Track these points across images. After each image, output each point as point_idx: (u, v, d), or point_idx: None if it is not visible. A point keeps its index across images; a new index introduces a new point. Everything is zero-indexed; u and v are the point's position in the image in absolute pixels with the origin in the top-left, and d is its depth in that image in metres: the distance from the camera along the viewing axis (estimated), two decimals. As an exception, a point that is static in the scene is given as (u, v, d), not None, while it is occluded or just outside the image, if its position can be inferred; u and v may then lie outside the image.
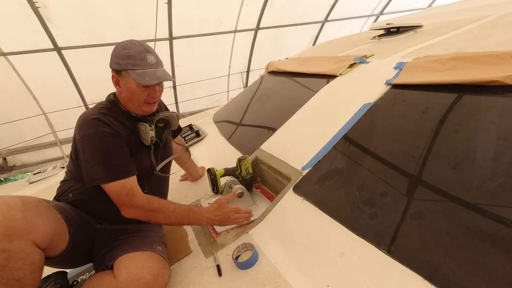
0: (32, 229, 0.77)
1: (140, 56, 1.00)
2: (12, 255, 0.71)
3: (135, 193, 0.98)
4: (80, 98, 5.25)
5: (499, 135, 0.76)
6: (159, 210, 0.98)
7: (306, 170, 1.11)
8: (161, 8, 4.68)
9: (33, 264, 0.74)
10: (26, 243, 0.75)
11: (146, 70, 1.00)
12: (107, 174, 0.96)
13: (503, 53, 0.92)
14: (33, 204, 0.83)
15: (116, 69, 1.02)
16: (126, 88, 1.03)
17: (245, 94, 2.37)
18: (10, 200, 0.78)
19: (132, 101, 1.05)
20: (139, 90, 1.02)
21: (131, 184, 0.98)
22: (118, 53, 1.01)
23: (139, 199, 0.97)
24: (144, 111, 1.09)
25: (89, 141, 0.96)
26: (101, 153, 0.96)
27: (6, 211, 0.75)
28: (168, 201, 1.02)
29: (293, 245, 0.91)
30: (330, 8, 6.71)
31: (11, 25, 3.96)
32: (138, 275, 0.86)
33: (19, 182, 2.12)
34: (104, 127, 0.97)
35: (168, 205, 1.01)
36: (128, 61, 0.99)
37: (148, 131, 1.06)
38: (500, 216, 0.63)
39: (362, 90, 1.28)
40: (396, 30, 1.96)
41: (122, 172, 0.98)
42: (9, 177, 5.94)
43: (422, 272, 0.65)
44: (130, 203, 0.97)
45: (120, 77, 1.02)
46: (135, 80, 0.99)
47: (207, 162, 1.71)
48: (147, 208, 0.98)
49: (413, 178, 0.83)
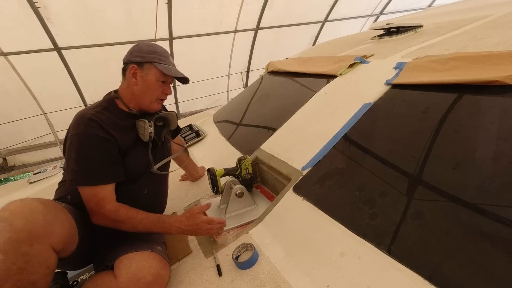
0: (51, 233, 0.78)
1: (165, 54, 1.11)
2: (31, 258, 0.71)
3: (105, 203, 0.96)
4: (80, 98, 5.25)
5: (499, 135, 0.76)
6: (125, 221, 0.97)
7: (306, 170, 1.11)
8: (161, 8, 4.68)
9: (48, 268, 0.75)
10: (45, 247, 0.75)
11: (169, 66, 1.10)
12: (83, 177, 0.96)
13: (503, 53, 0.92)
14: (52, 207, 0.84)
15: (138, 61, 1.06)
16: (143, 80, 1.06)
17: (245, 94, 2.37)
18: (32, 204, 0.78)
19: (146, 94, 1.09)
20: (157, 84, 1.08)
21: (104, 193, 0.97)
22: (142, 49, 1.08)
23: (107, 209, 0.96)
24: (153, 107, 1.13)
25: (75, 141, 0.96)
26: (83, 155, 0.96)
27: (29, 215, 0.75)
28: (137, 211, 1.00)
29: (293, 245, 0.91)
30: (330, 8, 6.71)
31: (11, 25, 3.96)
32: (138, 275, 0.86)
33: (19, 182, 2.12)
34: (94, 128, 0.97)
35: (136, 215, 0.99)
36: (154, 55, 1.07)
37: (147, 127, 1.07)
38: (500, 216, 0.63)
39: (362, 90, 1.28)
40: (396, 30, 1.96)
41: (99, 178, 0.97)
42: (9, 177, 5.94)
43: (422, 272, 0.65)
44: (98, 211, 0.96)
45: (141, 69, 1.06)
46: (158, 73, 1.06)
47: (207, 162, 1.71)
48: (113, 219, 0.97)
49: (413, 178, 0.83)
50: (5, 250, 0.68)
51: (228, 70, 6.80)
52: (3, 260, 0.67)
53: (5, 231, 0.70)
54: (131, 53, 1.08)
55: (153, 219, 1.01)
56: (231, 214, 1.20)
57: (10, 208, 0.75)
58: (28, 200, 0.80)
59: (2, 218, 0.72)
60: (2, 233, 0.69)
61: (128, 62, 1.08)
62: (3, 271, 0.66)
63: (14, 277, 0.67)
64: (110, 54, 4.91)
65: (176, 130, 1.36)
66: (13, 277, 0.67)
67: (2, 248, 0.68)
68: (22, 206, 0.76)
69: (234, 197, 1.19)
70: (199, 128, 2.23)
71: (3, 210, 0.74)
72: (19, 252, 0.69)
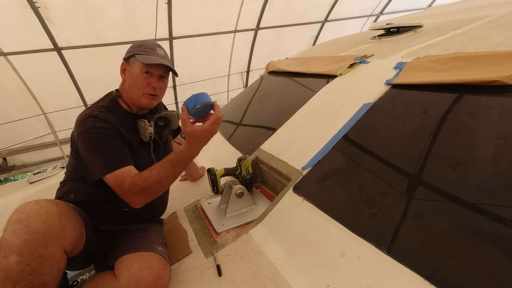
0: (65, 235, 0.79)
1: (151, 47, 1.07)
2: (45, 260, 0.72)
3: (124, 180, 0.91)
4: (80, 98, 5.24)
5: (499, 135, 0.76)
6: (147, 186, 0.91)
7: (306, 170, 1.11)
8: (161, 8, 4.67)
9: (59, 269, 0.76)
10: (58, 249, 0.76)
11: (150, 56, 1.04)
12: (104, 166, 0.94)
13: (503, 53, 0.92)
14: (65, 209, 0.85)
15: (126, 57, 1.07)
16: (129, 74, 1.06)
17: (245, 94, 2.37)
18: (48, 207, 0.79)
19: (133, 89, 1.06)
20: (141, 77, 1.04)
21: (123, 171, 0.94)
22: (133, 45, 1.09)
23: (126, 185, 0.91)
24: (143, 103, 1.08)
25: (86, 137, 0.97)
26: (100, 146, 0.96)
27: (46, 217, 0.76)
28: (148, 170, 0.93)
29: (293, 245, 0.91)
30: (330, 8, 6.70)
31: (11, 25, 3.96)
32: (139, 276, 0.86)
33: (19, 182, 2.12)
34: (99, 122, 0.98)
35: (150, 174, 0.92)
36: (138, 49, 1.06)
37: (147, 127, 1.07)
38: (500, 216, 0.63)
39: (362, 90, 1.28)
40: (396, 30, 1.96)
41: (120, 162, 0.95)
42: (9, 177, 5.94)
43: (422, 272, 0.65)
44: (123, 193, 0.92)
45: (128, 64, 1.07)
46: (140, 64, 1.03)
47: (207, 162, 1.71)
48: (135, 192, 0.91)
49: (413, 178, 0.83)
50: (21, 251, 0.69)
51: (228, 70, 6.79)
52: (18, 261, 0.68)
53: (22, 233, 0.71)
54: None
55: (167, 165, 0.94)
56: (231, 214, 1.20)
57: (26, 210, 0.76)
58: (44, 202, 0.80)
59: (19, 220, 0.73)
60: (19, 235, 0.71)
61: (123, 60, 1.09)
62: (17, 272, 0.68)
63: (26, 278, 0.69)
64: (110, 54, 4.90)
65: (177, 129, 1.36)
66: (26, 278, 0.69)
67: (18, 249, 0.69)
68: (38, 209, 0.77)
69: (234, 197, 1.19)
70: (199, 128, 2.23)
71: (19, 212, 0.75)
72: (34, 254, 0.71)
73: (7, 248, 0.70)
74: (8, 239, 0.71)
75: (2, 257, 0.69)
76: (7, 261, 0.68)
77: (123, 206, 1.02)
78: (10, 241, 0.70)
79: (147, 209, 1.03)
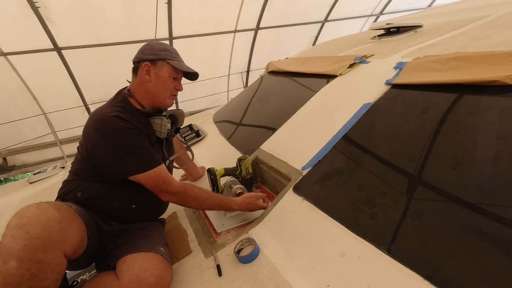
0: (65, 240, 0.79)
1: (175, 52, 1.17)
2: (44, 265, 0.72)
3: (171, 181, 1.04)
4: (80, 98, 5.24)
5: (499, 135, 0.76)
6: (192, 197, 1.07)
7: (306, 170, 1.11)
8: (161, 8, 4.67)
9: (59, 274, 0.76)
10: (59, 254, 0.76)
11: (181, 63, 1.16)
12: (143, 164, 1.00)
13: (503, 53, 0.92)
14: (66, 213, 0.84)
15: (151, 59, 1.10)
16: (157, 76, 1.10)
17: (245, 94, 2.37)
18: (48, 211, 0.78)
19: (160, 91, 1.12)
20: (169, 80, 1.13)
21: (164, 172, 1.04)
22: (154, 47, 1.12)
23: (176, 186, 1.04)
24: (167, 103, 1.17)
25: (115, 137, 0.98)
26: (129, 146, 0.99)
27: (46, 223, 0.75)
28: (200, 190, 1.09)
29: (293, 245, 0.91)
30: (330, 8, 6.70)
31: (11, 25, 3.96)
32: (141, 276, 0.86)
33: (19, 182, 2.12)
34: (125, 123, 1.00)
35: (201, 194, 1.08)
36: (166, 53, 1.12)
37: (165, 123, 1.12)
38: (500, 216, 0.63)
39: (362, 90, 1.28)
40: (396, 30, 1.96)
41: (155, 162, 1.03)
42: (9, 177, 5.94)
43: (422, 272, 0.65)
44: (167, 190, 1.03)
45: (154, 66, 1.10)
46: (170, 69, 1.11)
47: (207, 162, 1.71)
48: (182, 196, 1.05)
49: (413, 178, 0.83)
50: (20, 257, 0.69)
51: (228, 70, 6.80)
52: (17, 267, 0.68)
53: (21, 238, 0.70)
54: (143, 51, 1.12)
55: (215, 200, 1.10)
56: (231, 214, 1.20)
57: (26, 215, 0.75)
58: (45, 206, 0.80)
59: (19, 225, 0.72)
60: (18, 240, 0.70)
61: (141, 60, 1.10)
62: (16, 277, 0.68)
63: (26, 283, 0.69)
64: (110, 54, 4.90)
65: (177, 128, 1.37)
66: (25, 283, 0.68)
67: (17, 255, 0.69)
68: (39, 214, 0.76)
69: (234, 197, 1.19)
70: (199, 128, 2.23)
71: (20, 217, 0.74)
72: (34, 259, 0.70)
73: (6, 253, 0.69)
74: (8, 245, 0.70)
75: (1, 263, 0.68)
76: (6, 266, 0.68)
77: (130, 202, 1.06)
78: (10, 247, 0.70)
79: (154, 206, 1.07)
